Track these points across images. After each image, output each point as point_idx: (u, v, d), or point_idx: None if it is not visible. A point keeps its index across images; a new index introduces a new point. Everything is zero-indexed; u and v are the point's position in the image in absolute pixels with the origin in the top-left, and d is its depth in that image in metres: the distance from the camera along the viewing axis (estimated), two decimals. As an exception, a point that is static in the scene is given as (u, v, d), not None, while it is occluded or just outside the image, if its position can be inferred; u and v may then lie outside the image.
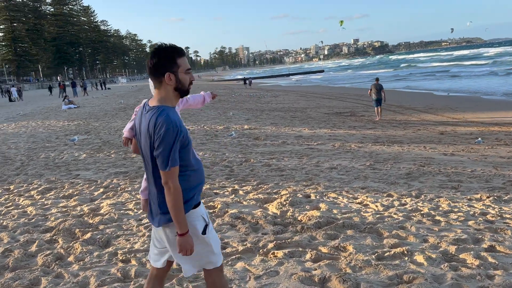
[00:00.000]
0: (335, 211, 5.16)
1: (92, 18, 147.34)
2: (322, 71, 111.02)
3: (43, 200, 6.11)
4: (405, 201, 5.76)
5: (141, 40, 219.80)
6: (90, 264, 3.80)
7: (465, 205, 5.52)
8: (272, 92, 42.45)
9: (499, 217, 4.94)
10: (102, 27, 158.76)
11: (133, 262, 3.83)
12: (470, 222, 4.75)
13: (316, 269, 3.54)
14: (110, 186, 6.76)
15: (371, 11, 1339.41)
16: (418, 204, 5.58)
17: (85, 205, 5.72)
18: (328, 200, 5.77)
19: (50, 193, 6.48)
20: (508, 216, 5.00)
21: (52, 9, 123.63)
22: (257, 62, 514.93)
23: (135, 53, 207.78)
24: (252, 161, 8.71)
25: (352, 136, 12.97)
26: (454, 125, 15.53)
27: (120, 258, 3.90)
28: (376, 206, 5.47)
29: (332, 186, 6.64)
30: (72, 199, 6.04)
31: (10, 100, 41.17)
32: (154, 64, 2.18)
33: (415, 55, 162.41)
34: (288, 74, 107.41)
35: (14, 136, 13.80)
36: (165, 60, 2.18)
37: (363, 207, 5.44)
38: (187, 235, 2.19)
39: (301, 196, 5.91)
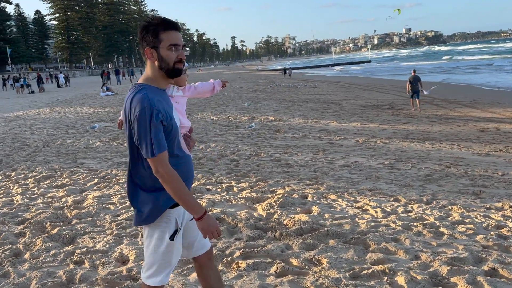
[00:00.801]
0: (326, 216, 4.67)
1: (142, 7, 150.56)
2: (369, 61, 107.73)
3: (34, 189, 6.03)
4: (411, 207, 5.14)
5: (189, 29, 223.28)
6: (41, 264, 3.58)
7: (481, 215, 4.83)
8: (312, 83, 41.54)
9: (516, 233, 4.26)
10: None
11: (86, 264, 3.57)
12: (478, 237, 4.10)
13: (275, 286, 3.11)
14: (106, 177, 6.60)
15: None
16: (425, 211, 4.96)
17: (71, 196, 5.56)
18: (325, 202, 5.27)
19: (45, 182, 6.40)
20: (528, 231, 4.30)
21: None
22: (303, 51, 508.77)
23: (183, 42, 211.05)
24: (262, 155, 8.30)
25: (382, 131, 12.19)
26: (499, 122, 14.27)
27: (75, 258, 3.66)
28: (376, 212, 4.91)
29: (336, 186, 6.10)
30: (62, 190, 5.91)
31: (58, 86, 42.90)
32: (138, 38, 1.95)
33: (466, 47, 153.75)
34: (332, 65, 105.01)
35: (43, 121, 14.15)
36: (147, 33, 1.92)
37: (360, 213, 4.90)
38: (206, 216, 1.96)
39: (297, 196, 5.45)
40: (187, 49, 2.05)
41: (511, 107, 17.85)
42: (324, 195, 5.58)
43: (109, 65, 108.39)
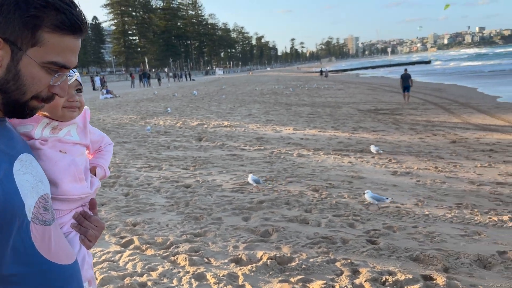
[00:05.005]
0: None
1: (199, 11, 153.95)
2: (428, 62, 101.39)
3: None
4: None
5: (248, 33, 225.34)
6: None
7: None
8: (344, 85, 39.29)
9: None
10: (210, 21, 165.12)
11: None
12: None
13: None
14: None
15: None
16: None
17: None
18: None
19: None
20: None
21: (161, 3, 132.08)
22: (366, 52, 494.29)
23: (241, 45, 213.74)
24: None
25: (332, 140, 10.41)
26: (491, 130, 11.79)
27: None
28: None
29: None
30: None
31: (94, 89, 44.21)
32: None
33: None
34: (388, 65, 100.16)
35: None
36: (8, 12, 0.90)
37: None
38: None
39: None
40: (75, 72, 1.13)
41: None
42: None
43: (165, 69, 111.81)
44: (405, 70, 21.47)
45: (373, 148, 8.67)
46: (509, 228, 4.53)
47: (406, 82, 20.03)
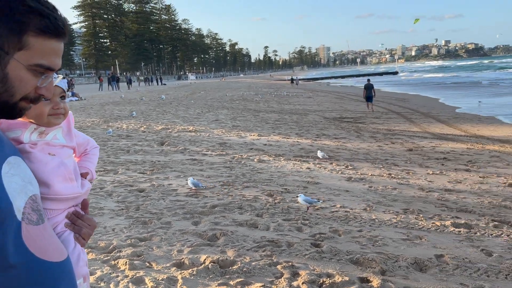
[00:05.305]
0: None
1: (173, 16, 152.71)
2: (396, 73, 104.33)
3: None
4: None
5: (222, 39, 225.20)
6: None
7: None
8: (313, 93, 39.85)
9: None
10: (184, 26, 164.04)
11: None
12: None
13: None
14: None
15: (466, 11, 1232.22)
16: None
17: None
18: None
19: None
20: None
21: (134, 7, 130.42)
22: (337, 62, 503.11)
23: (215, 51, 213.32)
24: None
25: (295, 146, 10.54)
26: (447, 139, 12.23)
27: None
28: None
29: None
30: None
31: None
32: None
33: (504, 60, 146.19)
34: (357, 75, 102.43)
35: None
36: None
37: None
38: None
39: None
40: (60, 76, 1.19)
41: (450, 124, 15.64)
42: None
43: (137, 73, 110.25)
44: (368, 80, 22.12)
45: (319, 153, 8.91)
46: (449, 233, 4.70)
47: (369, 92, 20.77)
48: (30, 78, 0.98)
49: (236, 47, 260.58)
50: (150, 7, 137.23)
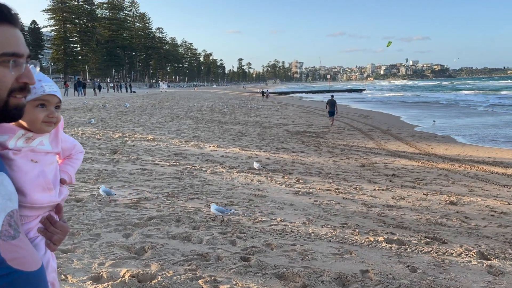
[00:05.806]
0: None
1: (147, 24, 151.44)
2: (362, 90, 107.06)
3: None
4: None
5: (196, 49, 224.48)
6: None
7: None
8: (282, 106, 40.23)
9: None
10: (158, 34, 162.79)
11: None
12: None
13: None
14: None
15: (433, 33, 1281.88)
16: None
17: None
18: None
19: None
20: None
21: (108, 14, 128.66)
22: (309, 77, 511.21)
23: (189, 61, 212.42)
24: None
25: (250, 159, 10.54)
26: (400, 157, 12.55)
27: None
28: None
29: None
30: None
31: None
32: None
33: (465, 82, 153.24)
34: (327, 91, 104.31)
35: None
36: None
37: None
38: None
39: None
40: (37, 62, 1.15)
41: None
42: None
43: (108, 79, 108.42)
44: (332, 96, 23.45)
45: (255, 165, 9.02)
46: (380, 249, 4.78)
47: (332, 107, 21.91)
48: (1, 70, 0.99)
49: (211, 58, 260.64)
50: (124, 14, 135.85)
